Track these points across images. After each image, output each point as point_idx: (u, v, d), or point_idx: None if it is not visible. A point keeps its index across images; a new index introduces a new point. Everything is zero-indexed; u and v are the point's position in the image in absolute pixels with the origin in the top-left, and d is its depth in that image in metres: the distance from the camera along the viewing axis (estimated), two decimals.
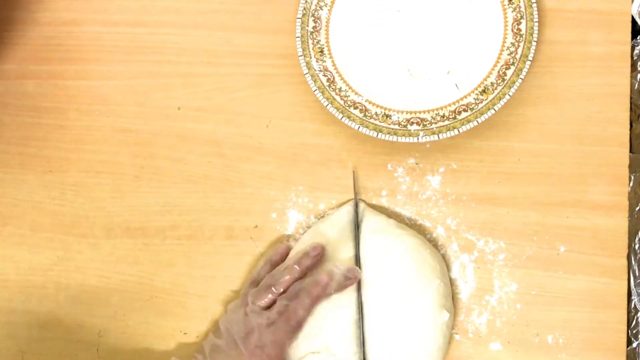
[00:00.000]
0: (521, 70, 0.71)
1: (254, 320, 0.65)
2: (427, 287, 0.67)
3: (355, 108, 0.73)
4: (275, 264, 0.71)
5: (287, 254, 0.72)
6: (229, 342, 0.66)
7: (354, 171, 0.74)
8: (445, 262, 0.71)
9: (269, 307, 0.66)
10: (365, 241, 0.69)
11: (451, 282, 0.70)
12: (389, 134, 0.71)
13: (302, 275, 0.68)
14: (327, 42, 0.77)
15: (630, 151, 0.72)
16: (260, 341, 0.64)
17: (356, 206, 0.72)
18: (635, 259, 0.69)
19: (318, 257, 0.68)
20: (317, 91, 0.74)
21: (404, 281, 0.67)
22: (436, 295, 0.66)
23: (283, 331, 0.65)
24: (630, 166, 0.71)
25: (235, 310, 0.68)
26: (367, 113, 0.73)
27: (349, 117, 0.72)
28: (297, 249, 0.71)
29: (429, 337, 0.66)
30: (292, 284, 0.67)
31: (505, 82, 0.71)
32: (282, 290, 0.67)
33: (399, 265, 0.67)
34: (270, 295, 0.67)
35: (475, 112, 0.71)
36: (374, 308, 0.67)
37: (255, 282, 0.70)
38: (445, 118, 0.71)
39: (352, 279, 0.67)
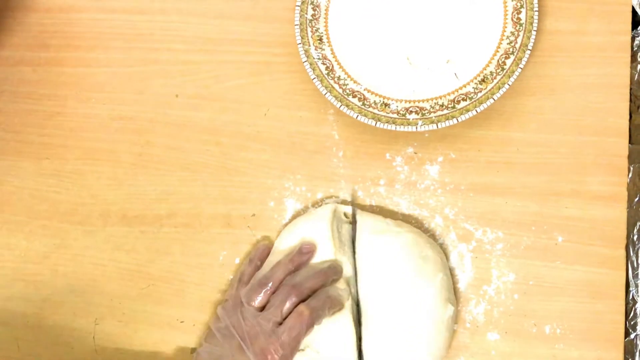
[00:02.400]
0: (520, 59, 0.71)
1: (257, 323, 0.64)
2: (430, 282, 0.66)
3: (354, 97, 0.73)
4: (258, 265, 0.70)
5: (268, 254, 0.71)
6: (232, 348, 0.64)
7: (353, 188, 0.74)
8: (443, 252, 0.71)
9: (263, 306, 0.65)
10: (361, 242, 0.68)
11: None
12: (387, 122, 0.71)
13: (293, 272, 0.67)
14: (326, 30, 0.76)
15: (630, 142, 0.71)
16: (270, 343, 0.62)
17: (353, 217, 0.71)
18: (633, 250, 0.69)
19: (310, 254, 0.68)
20: (315, 79, 0.74)
21: (407, 279, 0.65)
22: (440, 290, 0.66)
23: (297, 331, 0.63)
24: (629, 157, 0.71)
25: (230, 315, 0.66)
26: (365, 102, 0.73)
27: (347, 106, 0.72)
28: (278, 247, 0.70)
29: (436, 333, 0.65)
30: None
31: (505, 71, 0.71)
32: (275, 288, 0.66)
33: (400, 263, 0.66)
34: (262, 294, 0.65)
35: (474, 101, 0.70)
36: (375, 308, 0.66)
37: (243, 283, 0.69)
38: (444, 107, 0.71)
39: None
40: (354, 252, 0.69)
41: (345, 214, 0.71)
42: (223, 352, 0.64)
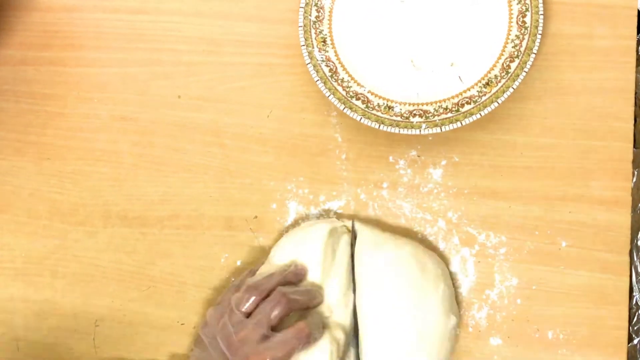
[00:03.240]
0: (525, 63, 0.71)
1: (243, 329, 0.61)
2: (432, 295, 0.65)
3: (358, 99, 0.73)
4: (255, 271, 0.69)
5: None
6: (217, 353, 0.62)
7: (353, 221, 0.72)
8: (445, 256, 0.71)
9: (250, 313, 0.63)
10: (360, 257, 0.67)
11: (451, 276, 0.70)
12: (391, 125, 0.71)
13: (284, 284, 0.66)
14: (330, 32, 0.76)
15: (634, 146, 0.71)
16: (256, 353, 0.60)
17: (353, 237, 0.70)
18: (637, 255, 0.69)
19: (301, 276, 0.66)
20: (319, 81, 0.73)
21: (408, 293, 0.64)
22: (442, 302, 0.65)
23: (291, 346, 0.61)
24: (634, 161, 0.71)
25: (217, 318, 0.64)
26: (369, 104, 0.72)
27: (351, 108, 0.72)
28: (272, 257, 0.70)
29: (440, 346, 0.64)
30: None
31: (509, 75, 0.71)
32: (264, 296, 0.64)
33: (400, 277, 0.65)
34: (252, 300, 0.63)
35: (479, 104, 0.70)
36: (376, 323, 0.64)
37: (236, 288, 0.67)
38: (448, 110, 0.71)
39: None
40: (352, 268, 0.68)
41: (346, 227, 0.70)
42: (208, 358, 0.63)
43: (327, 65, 0.74)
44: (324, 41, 0.75)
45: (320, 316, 0.65)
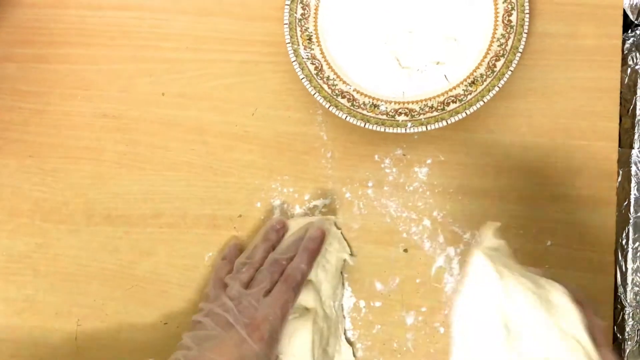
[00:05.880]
0: (511, 62, 0.70)
1: (244, 297, 0.63)
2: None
3: (343, 97, 0.72)
4: (232, 261, 0.69)
5: (240, 251, 0.70)
6: (219, 325, 0.62)
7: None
8: (430, 255, 0.70)
9: (247, 285, 0.64)
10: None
11: (437, 275, 0.70)
12: (376, 124, 0.70)
13: (273, 249, 0.68)
14: (316, 29, 0.75)
15: (619, 146, 0.71)
16: (258, 312, 0.61)
17: None
18: (622, 255, 0.69)
19: (283, 229, 0.69)
20: (304, 79, 0.73)
21: None
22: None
23: (285, 292, 0.63)
24: (618, 161, 0.71)
25: (213, 300, 0.65)
26: (355, 102, 0.72)
27: (336, 107, 0.71)
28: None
29: None
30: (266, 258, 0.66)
31: (495, 74, 0.70)
32: (258, 265, 0.66)
33: None
34: (246, 272, 0.65)
35: (464, 103, 0.70)
36: None
37: (219, 279, 0.67)
38: (433, 109, 0.71)
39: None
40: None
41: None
42: (209, 332, 0.62)
43: (312, 63, 0.74)
44: (310, 39, 0.75)
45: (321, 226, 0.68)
